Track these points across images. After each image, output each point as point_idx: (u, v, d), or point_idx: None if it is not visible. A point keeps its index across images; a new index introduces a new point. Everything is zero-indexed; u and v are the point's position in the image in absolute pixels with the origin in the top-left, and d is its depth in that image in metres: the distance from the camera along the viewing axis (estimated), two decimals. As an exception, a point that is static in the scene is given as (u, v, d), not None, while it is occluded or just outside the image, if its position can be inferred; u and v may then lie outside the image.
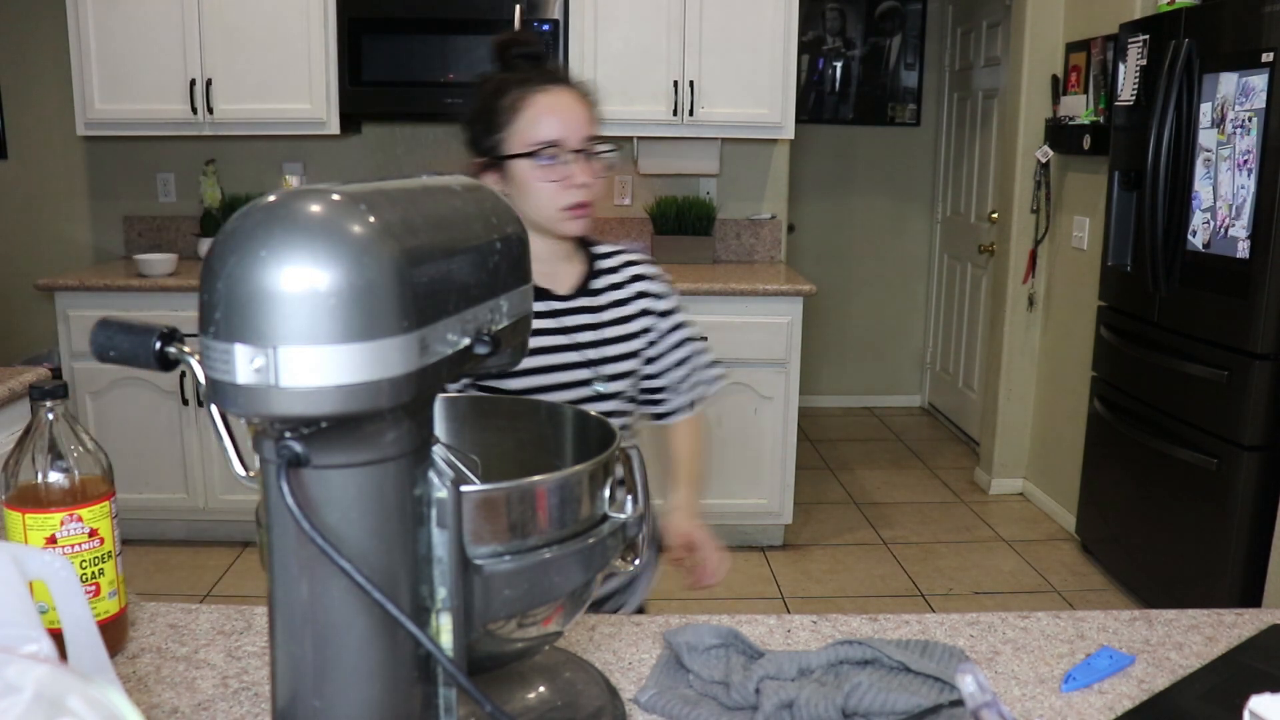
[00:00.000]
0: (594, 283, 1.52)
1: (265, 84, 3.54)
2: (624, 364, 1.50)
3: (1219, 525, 2.75)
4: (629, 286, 1.56)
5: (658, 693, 0.91)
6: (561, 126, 1.39)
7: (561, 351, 1.46)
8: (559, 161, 1.39)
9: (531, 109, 1.40)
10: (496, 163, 1.42)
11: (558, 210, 1.41)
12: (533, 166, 1.38)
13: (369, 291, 0.56)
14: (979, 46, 4.94)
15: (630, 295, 1.56)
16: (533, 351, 1.40)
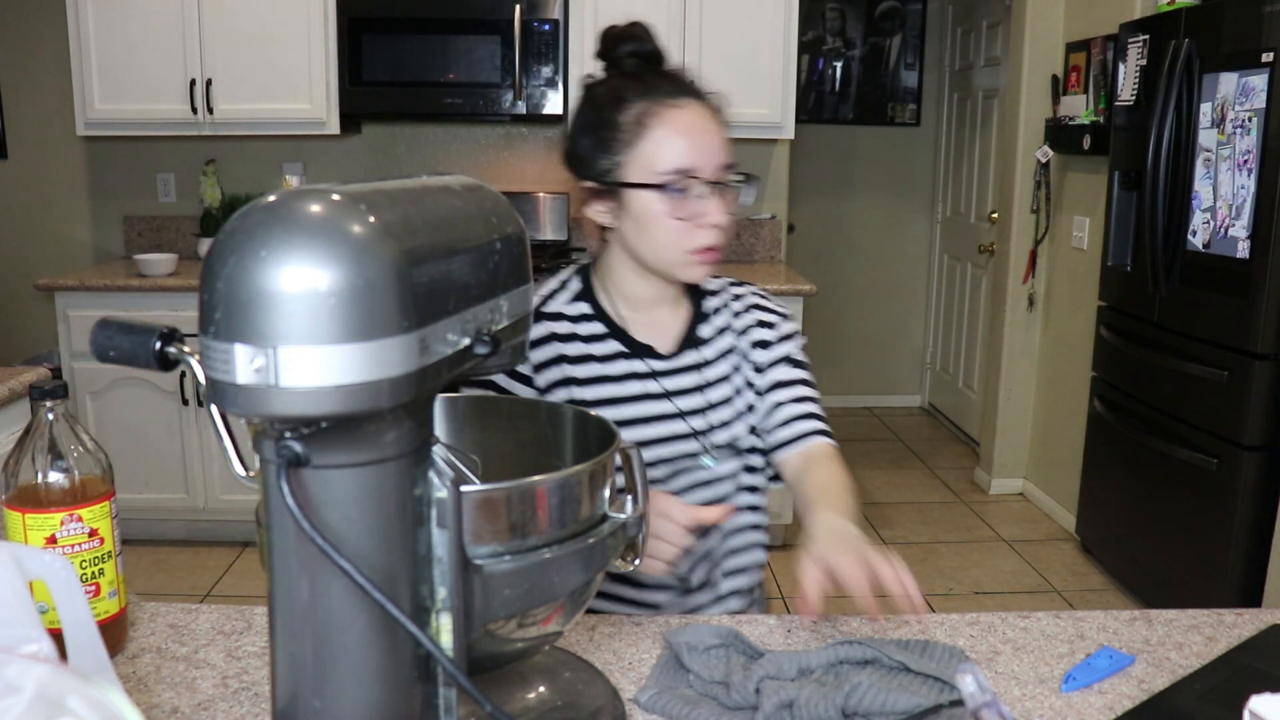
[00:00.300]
0: (701, 329, 1.32)
1: (265, 84, 3.54)
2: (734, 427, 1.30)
3: (1219, 525, 2.75)
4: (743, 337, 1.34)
5: (657, 693, 0.91)
6: (696, 152, 1.18)
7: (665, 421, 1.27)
8: (691, 195, 1.18)
9: (660, 129, 1.18)
10: (610, 190, 1.22)
11: (684, 253, 1.20)
12: (659, 200, 1.18)
13: (369, 291, 0.56)
14: (979, 46, 4.94)
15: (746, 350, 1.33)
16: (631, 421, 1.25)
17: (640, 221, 1.20)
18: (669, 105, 1.19)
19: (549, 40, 3.50)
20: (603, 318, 1.29)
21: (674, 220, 1.18)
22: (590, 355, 1.27)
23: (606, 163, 1.21)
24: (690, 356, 1.30)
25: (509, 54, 3.50)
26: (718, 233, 1.20)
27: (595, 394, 1.26)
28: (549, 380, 1.26)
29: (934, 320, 5.53)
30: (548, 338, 1.27)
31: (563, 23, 3.52)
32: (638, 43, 1.23)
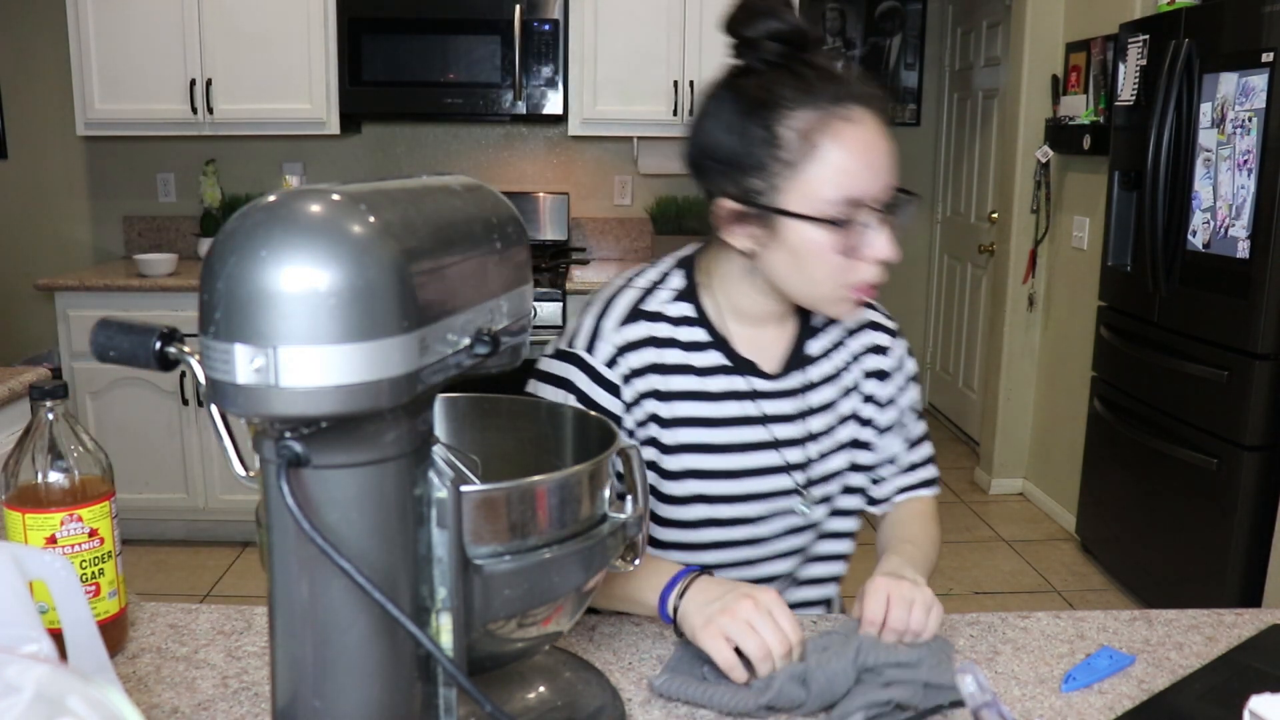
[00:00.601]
0: (809, 345, 1.18)
1: (265, 84, 3.54)
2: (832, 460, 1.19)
3: (1219, 525, 2.75)
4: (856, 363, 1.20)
5: (670, 677, 0.92)
6: (870, 177, 0.99)
7: (760, 451, 1.15)
8: (858, 224, 1.00)
9: (831, 149, 0.98)
10: (760, 214, 1.03)
11: (841, 289, 1.04)
12: (823, 233, 1.00)
13: (369, 291, 0.56)
14: (979, 46, 4.94)
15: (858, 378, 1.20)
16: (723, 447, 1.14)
17: (797, 254, 1.03)
18: (840, 117, 0.99)
19: (549, 40, 3.50)
20: (705, 323, 1.14)
21: (837, 255, 1.01)
22: (688, 366, 1.13)
23: (758, 183, 1.01)
24: (795, 379, 1.16)
25: (509, 54, 3.50)
26: (882, 267, 1.03)
27: (685, 410, 1.13)
28: (636, 392, 1.12)
29: (934, 320, 5.53)
30: (644, 341, 1.12)
31: (563, 23, 3.53)
32: (778, 20, 1.01)
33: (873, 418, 1.22)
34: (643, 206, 4.10)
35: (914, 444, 1.27)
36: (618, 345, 1.12)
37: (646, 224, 4.10)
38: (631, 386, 1.12)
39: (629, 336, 1.13)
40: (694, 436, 1.14)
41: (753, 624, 0.92)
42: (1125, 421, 3.22)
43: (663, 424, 1.13)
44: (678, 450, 1.14)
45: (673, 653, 0.99)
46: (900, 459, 1.26)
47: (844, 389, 1.19)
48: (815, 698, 0.88)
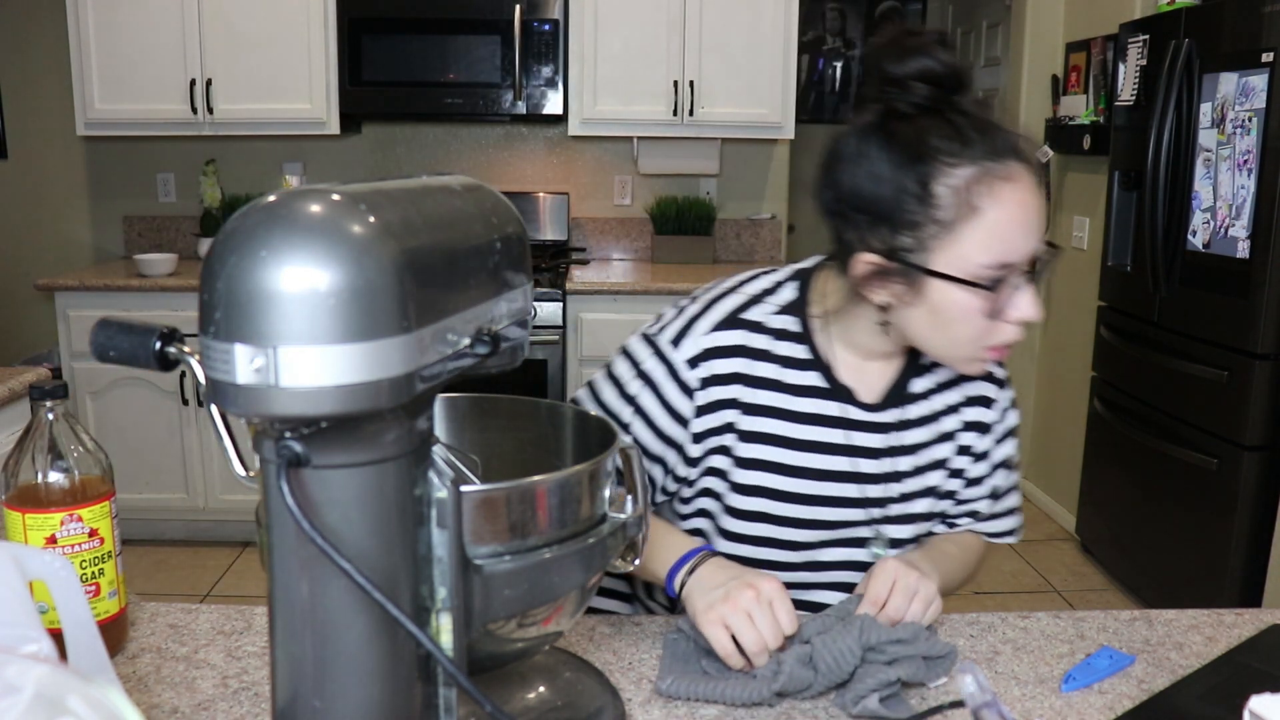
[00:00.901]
0: (913, 383, 1.13)
1: (265, 84, 3.54)
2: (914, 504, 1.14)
3: (1219, 525, 2.75)
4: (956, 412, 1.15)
5: (676, 678, 0.92)
6: (1025, 240, 0.94)
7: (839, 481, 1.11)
8: (1007, 286, 0.95)
9: (992, 211, 0.93)
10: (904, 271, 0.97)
11: (980, 349, 1.00)
12: (971, 296, 0.95)
13: (369, 291, 0.56)
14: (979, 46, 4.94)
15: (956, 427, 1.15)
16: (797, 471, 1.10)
17: (939, 314, 0.98)
18: (1000, 176, 0.93)
19: (549, 40, 3.51)
20: (808, 341, 1.10)
21: (983, 318, 0.96)
22: (778, 381, 1.10)
23: (907, 240, 0.96)
24: (892, 414, 1.11)
25: (509, 54, 3.50)
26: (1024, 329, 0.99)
27: (766, 426, 1.10)
28: (713, 399, 1.09)
29: (934, 320, 5.53)
30: (735, 349, 1.09)
31: (563, 23, 3.53)
32: (932, 59, 0.94)
33: (964, 469, 1.16)
34: (643, 206, 4.10)
35: (999, 497, 1.21)
36: (705, 348, 1.09)
37: (646, 224, 4.10)
38: (709, 392, 1.09)
39: (719, 341, 1.10)
40: (771, 454, 1.11)
41: (751, 615, 0.93)
42: (1125, 421, 3.22)
43: (740, 436, 1.11)
44: (752, 465, 1.11)
45: (665, 651, 0.99)
46: (981, 512, 1.21)
47: (940, 434, 1.14)
48: (823, 678, 0.90)
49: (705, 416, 1.10)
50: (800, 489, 1.11)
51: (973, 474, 1.18)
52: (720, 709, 0.90)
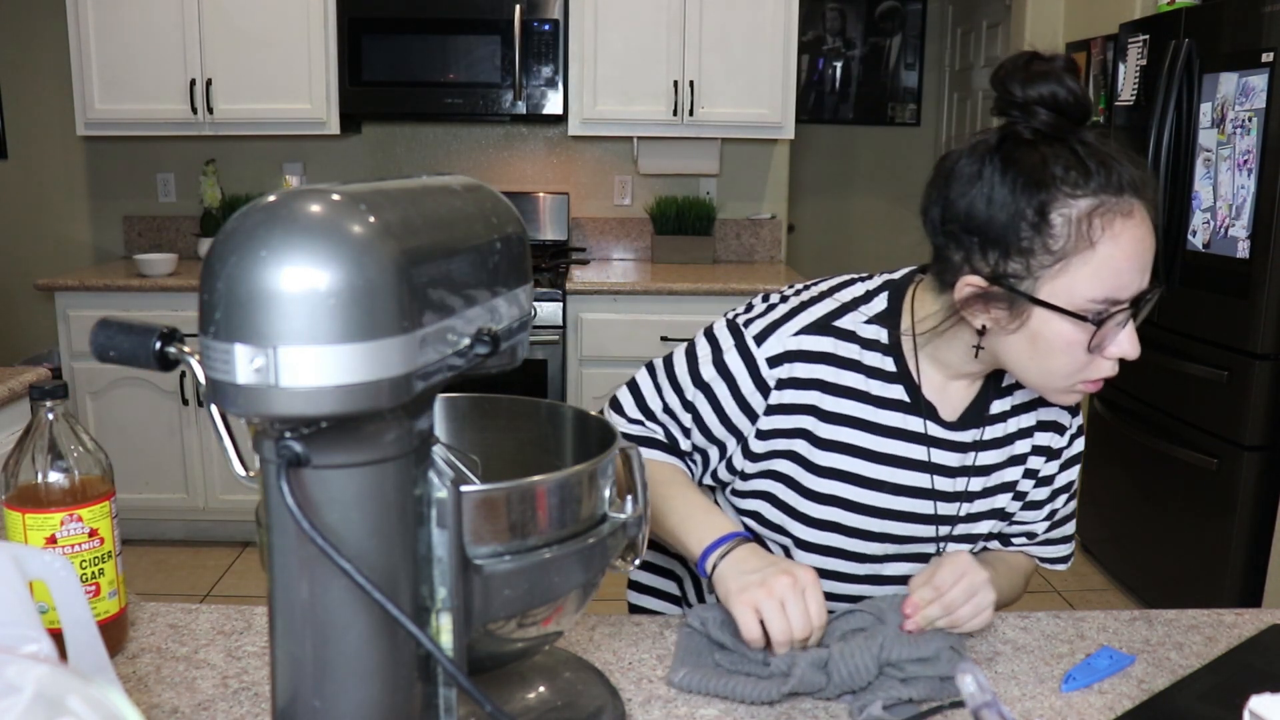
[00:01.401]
0: (994, 404, 1.12)
1: (265, 84, 3.54)
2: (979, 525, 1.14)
3: (1219, 525, 2.75)
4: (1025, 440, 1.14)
5: (689, 671, 0.93)
6: (1136, 277, 0.94)
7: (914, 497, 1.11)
8: (1111, 322, 0.94)
9: (1108, 246, 0.92)
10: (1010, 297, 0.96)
11: (1076, 382, 0.99)
12: (1075, 329, 0.94)
13: (369, 291, 0.56)
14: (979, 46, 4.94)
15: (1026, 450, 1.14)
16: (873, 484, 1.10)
17: (1038, 344, 0.97)
18: (1119, 212, 0.93)
19: (549, 40, 3.51)
20: (896, 353, 1.10)
21: (1083, 351, 0.96)
22: (863, 392, 1.09)
23: (1017, 266, 0.95)
24: (970, 434, 1.11)
25: (509, 54, 3.50)
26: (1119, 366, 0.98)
27: (846, 436, 1.09)
28: (785, 400, 1.09)
29: (934, 320, 5.53)
30: (821, 356, 1.09)
31: (563, 23, 3.53)
32: (1060, 85, 0.94)
33: (1027, 492, 1.16)
34: (643, 206, 4.10)
35: (1056, 524, 1.22)
36: (789, 349, 1.09)
37: (646, 224, 4.10)
38: (785, 394, 1.09)
39: (806, 345, 1.10)
40: (849, 465, 1.11)
41: (785, 603, 0.92)
42: (1125, 421, 3.22)
43: (816, 444, 1.10)
44: (827, 474, 1.11)
45: (678, 645, 0.99)
46: (1037, 535, 1.21)
47: (1011, 456, 1.14)
48: (835, 686, 0.90)
49: (776, 417, 1.10)
50: (875, 502, 1.11)
51: (1035, 497, 1.17)
52: (720, 710, 0.90)
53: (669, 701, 0.91)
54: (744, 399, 1.11)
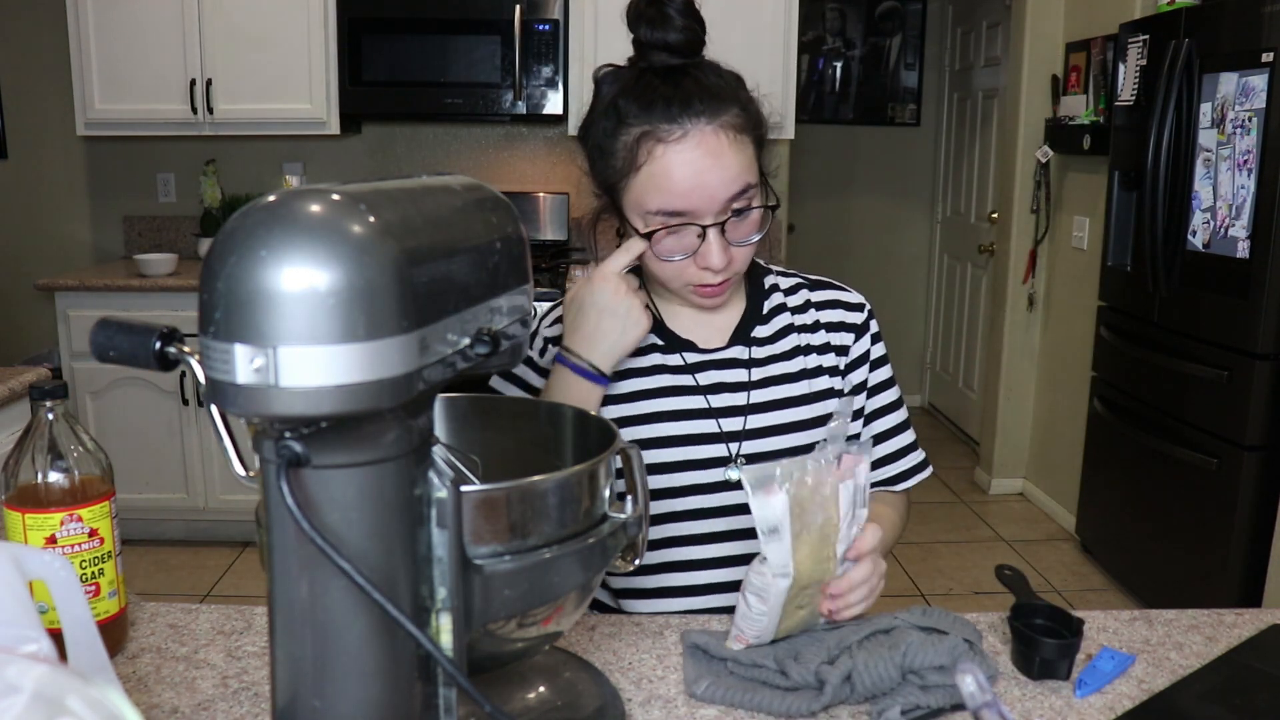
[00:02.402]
0: (757, 330, 1.21)
1: (265, 84, 3.54)
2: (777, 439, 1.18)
3: (1219, 525, 2.75)
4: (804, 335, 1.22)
5: (712, 682, 0.92)
6: (694, 195, 1.05)
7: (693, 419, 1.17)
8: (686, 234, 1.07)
9: (652, 164, 1.05)
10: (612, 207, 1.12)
11: (681, 285, 1.13)
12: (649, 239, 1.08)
13: (369, 291, 0.56)
14: (979, 46, 4.94)
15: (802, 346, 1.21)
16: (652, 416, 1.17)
17: None
18: (665, 138, 1.04)
19: (549, 40, 3.50)
20: None
21: (669, 261, 1.09)
22: None
23: (605, 179, 1.11)
24: (736, 351, 1.19)
25: (509, 54, 3.50)
26: (715, 273, 1.09)
27: (620, 389, 1.18)
28: None
29: (934, 320, 5.53)
30: None
31: (563, 23, 3.53)
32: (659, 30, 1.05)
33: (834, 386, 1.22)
34: (643, 206, 4.10)
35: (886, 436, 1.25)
36: (545, 339, 1.23)
37: (646, 224, 4.10)
38: None
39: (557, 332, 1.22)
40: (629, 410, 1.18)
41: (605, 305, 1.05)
42: (1125, 421, 3.22)
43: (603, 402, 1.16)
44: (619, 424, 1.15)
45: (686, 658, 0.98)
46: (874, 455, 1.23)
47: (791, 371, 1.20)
48: (858, 695, 0.90)
49: None
50: (658, 433, 1.17)
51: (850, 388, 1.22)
52: (719, 711, 0.90)
53: (669, 701, 0.91)
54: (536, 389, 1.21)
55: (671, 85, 1.05)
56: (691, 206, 1.05)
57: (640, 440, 1.17)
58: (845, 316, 1.25)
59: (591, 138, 1.12)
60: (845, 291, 1.29)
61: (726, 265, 1.09)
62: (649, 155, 1.05)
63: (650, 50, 1.07)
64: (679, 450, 1.17)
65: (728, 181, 1.05)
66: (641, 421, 1.18)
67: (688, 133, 1.04)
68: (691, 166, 1.04)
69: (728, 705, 0.90)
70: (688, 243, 1.08)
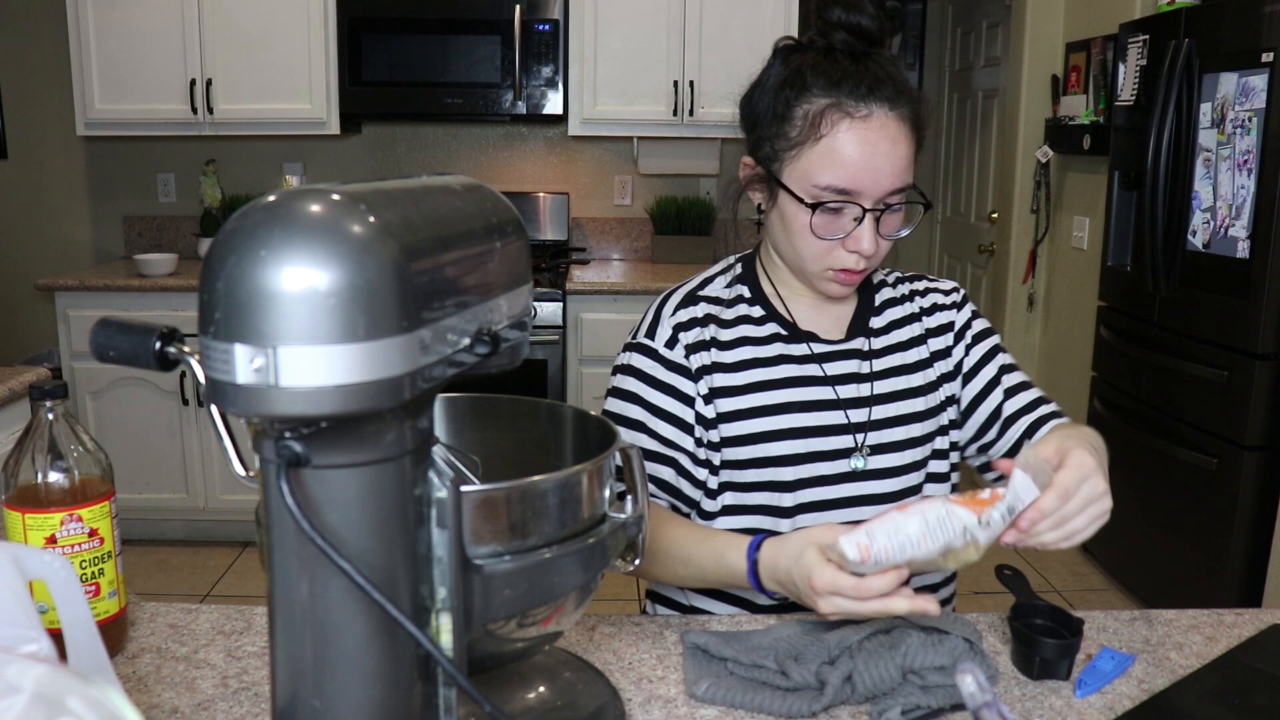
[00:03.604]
0: (872, 320, 1.23)
1: (265, 84, 3.54)
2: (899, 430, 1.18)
3: (1219, 525, 2.75)
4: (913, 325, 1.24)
5: (713, 682, 0.92)
6: (863, 174, 1.06)
7: (821, 410, 1.17)
8: (844, 215, 1.08)
9: (832, 138, 1.06)
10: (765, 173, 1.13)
11: (822, 268, 1.13)
12: (805, 213, 1.09)
13: (369, 291, 0.56)
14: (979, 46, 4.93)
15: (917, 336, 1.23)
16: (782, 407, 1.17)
17: (786, 225, 1.12)
18: (850, 112, 1.06)
19: (549, 40, 3.51)
20: (762, 301, 1.23)
21: (819, 240, 1.10)
22: (744, 338, 1.20)
23: (769, 149, 1.11)
24: (857, 343, 1.21)
25: (509, 54, 3.50)
26: (862, 259, 1.10)
27: (742, 379, 1.18)
28: (701, 363, 1.19)
29: (934, 320, 5.52)
30: (702, 319, 1.21)
31: (563, 23, 3.53)
32: (853, 13, 1.07)
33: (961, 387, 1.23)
34: (643, 206, 4.10)
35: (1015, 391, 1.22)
36: (677, 323, 1.21)
37: (646, 224, 4.10)
38: (695, 359, 1.19)
39: (684, 317, 1.21)
40: (756, 400, 1.18)
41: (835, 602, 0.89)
42: (1125, 421, 3.22)
43: (728, 393, 1.18)
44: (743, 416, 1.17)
45: (686, 659, 0.98)
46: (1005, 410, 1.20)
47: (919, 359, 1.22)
48: (859, 696, 0.90)
49: (701, 381, 1.19)
50: (789, 424, 1.17)
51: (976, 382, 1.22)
52: (719, 711, 0.90)
53: (669, 701, 0.91)
54: (671, 386, 1.19)
55: (862, 68, 1.07)
56: (860, 187, 1.06)
57: (768, 432, 1.16)
58: (941, 299, 1.27)
59: (763, 103, 1.11)
60: (938, 281, 1.30)
61: (872, 254, 1.10)
62: (832, 127, 1.06)
63: (836, 30, 1.08)
64: (808, 442, 1.17)
65: (897, 170, 1.07)
66: (770, 413, 1.17)
67: (873, 113, 1.06)
68: (871, 147, 1.05)
69: (728, 706, 0.90)
70: (844, 224, 1.09)
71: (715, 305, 1.23)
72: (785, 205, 1.11)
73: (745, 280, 1.25)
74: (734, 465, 1.18)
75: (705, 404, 1.19)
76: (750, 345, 1.20)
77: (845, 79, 1.06)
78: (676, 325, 1.21)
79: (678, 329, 1.20)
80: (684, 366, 1.19)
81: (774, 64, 1.13)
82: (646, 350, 1.21)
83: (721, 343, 1.20)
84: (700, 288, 1.25)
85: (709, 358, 1.19)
